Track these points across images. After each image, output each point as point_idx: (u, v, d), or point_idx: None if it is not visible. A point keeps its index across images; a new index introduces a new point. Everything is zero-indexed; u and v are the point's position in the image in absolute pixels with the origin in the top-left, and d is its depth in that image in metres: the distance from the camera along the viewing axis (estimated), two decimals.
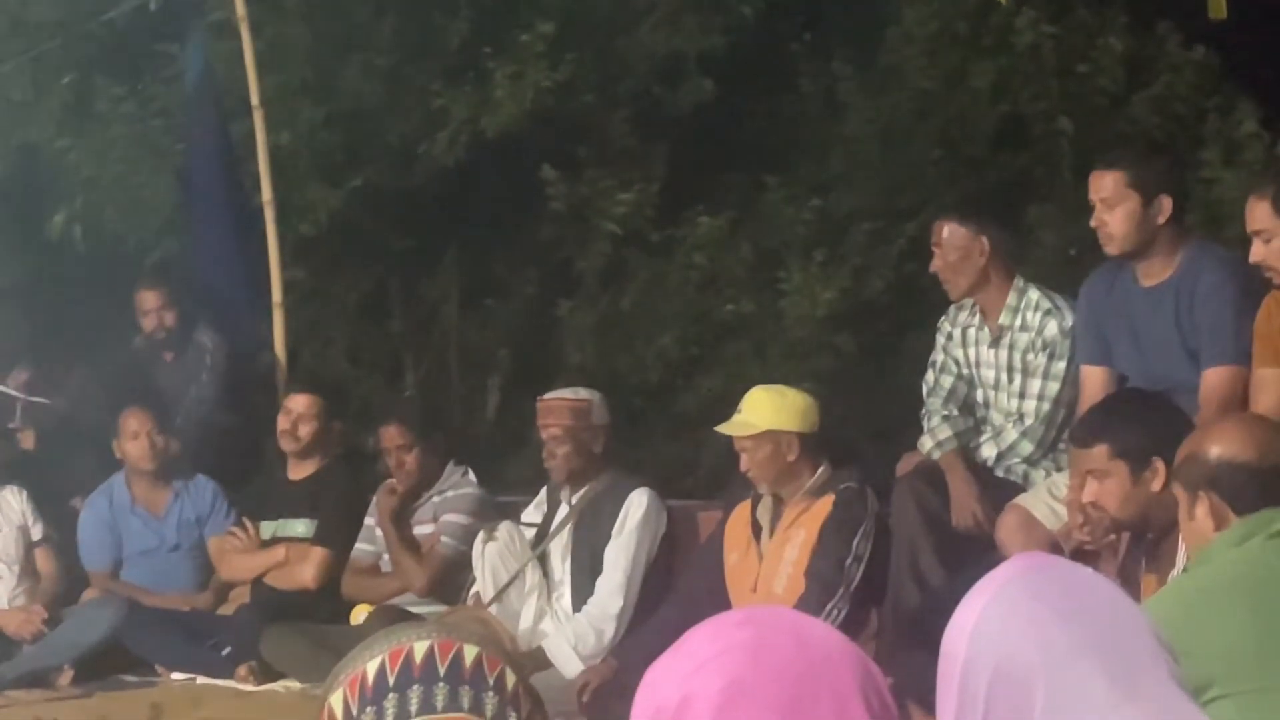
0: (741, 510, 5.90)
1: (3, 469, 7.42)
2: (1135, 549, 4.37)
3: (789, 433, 5.70)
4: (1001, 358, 5.74)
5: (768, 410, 5.73)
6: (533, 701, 1.88)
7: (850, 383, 8.86)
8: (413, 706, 1.82)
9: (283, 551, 7.14)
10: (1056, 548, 4.85)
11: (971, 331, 5.85)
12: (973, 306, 5.84)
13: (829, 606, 5.52)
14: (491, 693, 1.85)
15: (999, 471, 5.67)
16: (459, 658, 1.86)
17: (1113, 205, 5.22)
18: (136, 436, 7.26)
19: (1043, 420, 5.62)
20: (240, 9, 7.94)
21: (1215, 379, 5.06)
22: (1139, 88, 9.35)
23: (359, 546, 7.02)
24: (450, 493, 6.88)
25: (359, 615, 6.67)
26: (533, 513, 6.59)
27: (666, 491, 6.55)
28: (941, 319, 5.99)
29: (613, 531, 6.24)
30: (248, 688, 6.66)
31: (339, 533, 7.04)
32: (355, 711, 1.84)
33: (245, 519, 7.28)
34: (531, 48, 9.27)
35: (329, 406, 7.31)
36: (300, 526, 7.15)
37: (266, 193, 7.98)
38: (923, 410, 5.89)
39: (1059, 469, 5.50)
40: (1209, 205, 8.29)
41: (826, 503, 5.69)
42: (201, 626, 7.05)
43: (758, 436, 5.71)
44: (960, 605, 1.99)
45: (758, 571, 5.74)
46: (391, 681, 1.84)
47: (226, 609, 7.26)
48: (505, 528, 6.41)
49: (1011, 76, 9.42)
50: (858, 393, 8.67)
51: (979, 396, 5.85)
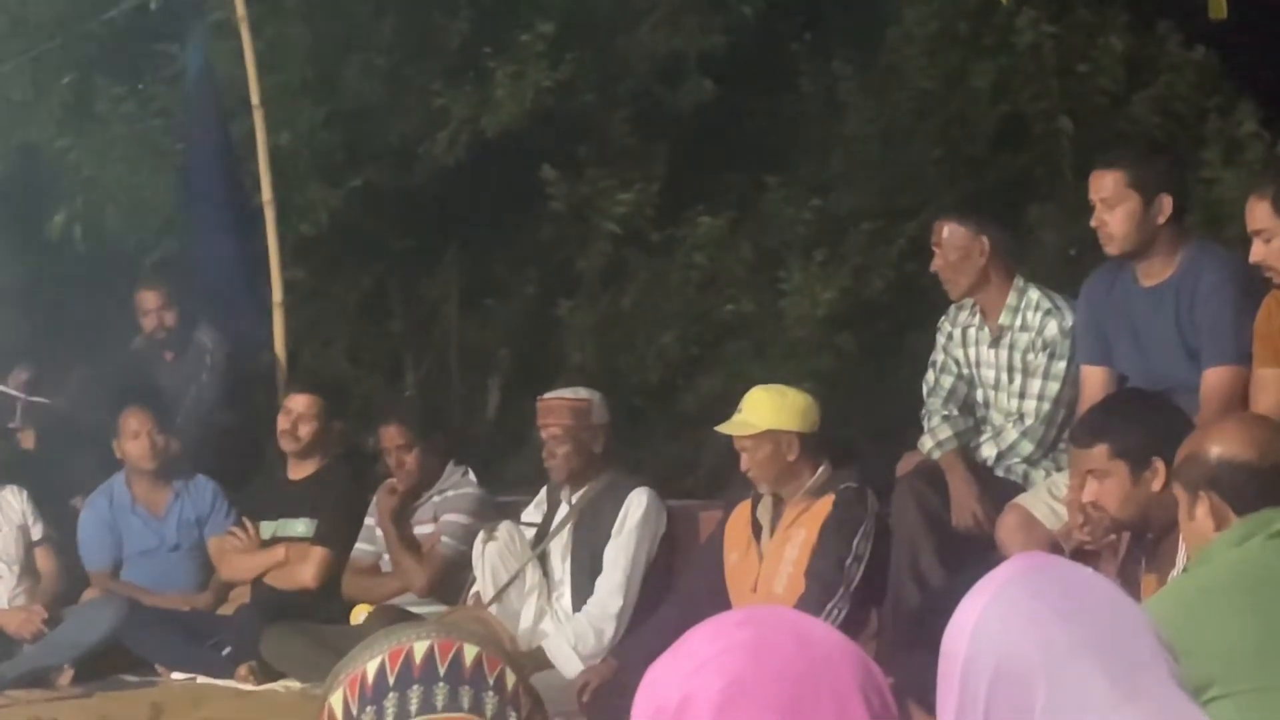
0: (742, 510, 5.90)
1: (3, 469, 7.42)
2: (1135, 549, 4.37)
3: (789, 432, 5.70)
4: (1002, 357, 5.74)
5: (768, 410, 5.73)
6: (533, 701, 1.88)
7: (850, 383, 8.86)
8: (413, 706, 1.82)
9: (283, 551, 7.13)
10: (1056, 547, 4.84)
11: (972, 331, 5.85)
12: (973, 306, 5.84)
13: (829, 606, 5.52)
14: (491, 692, 1.85)
15: (999, 471, 5.67)
16: (459, 657, 1.86)
17: (1113, 205, 5.22)
18: (137, 436, 7.26)
19: (1043, 420, 5.62)
20: (240, 9, 7.94)
21: (1215, 379, 5.06)
22: (1139, 87, 9.34)
23: (359, 546, 7.01)
24: (450, 492, 6.88)
25: (359, 615, 6.67)
26: (533, 512, 6.58)
27: (667, 491, 6.55)
28: (942, 319, 5.98)
29: (612, 531, 6.24)
30: (248, 687, 6.66)
31: (339, 533, 7.04)
32: (355, 711, 1.84)
33: (245, 519, 7.27)
34: (532, 47, 9.26)
35: (329, 406, 7.31)
36: (300, 526, 7.14)
37: (266, 192, 7.98)
38: (923, 410, 5.88)
39: (1059, 469, 5.49)
40: (1209, 205, 8.28)
41: (827, 502, 5.69)
42: (202, 626, 7.04)
43: (758, 436, 5.70)
44: (960, 605, 1.99)
45: (758, 571, 5.74)
46: (391, 681, 1.84)
47: (227, 609, 7.25)
48: (505, 527, 6.40)
49: (1012, 76, 9.41)
50: (858, 393, 8.66)
51: (979, 396, 5.85)
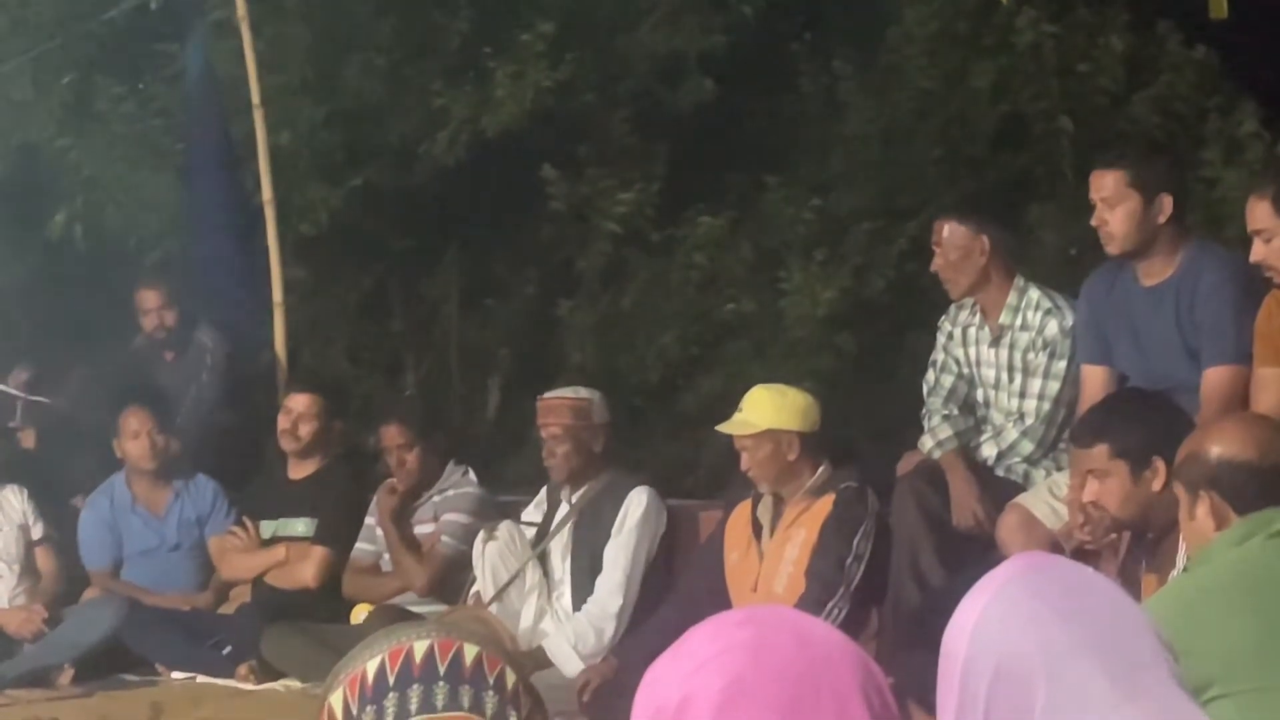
0: (742, 509, 5.90)
1: (3, 468, 7.41)
2: (1136, 548, 4.37)
3: (789, 432, 5.70)
4: (1002, 357, 5.74)
5: (768, 409, 5.73)
6: (533, 700, 1.88)
7: (850, 382, 8.86)
8: (413, 706, 1.82)
9: (283, 551, 7.13)
10: (1057, 547, 4.85)
11: (972, 331, 5.85)
12: (973, 306, 5.84)
13: (829, 606, 5.52)
14: (491, 692, 1.85)
15: (999, 471, 5.67)
16: (459, 657, 1.86)
17: (1113, 205, 5.22)
18: (137, 436, 7.26)
19: (1043, 420, 5.62)
20: (240, 8, 7.94)
21: (1216, 378, 5.06)
22: (1140, 87, 9.34)
23: (359, 546, 7.01)
24: (451, 492, 6.88)
25: (359, 614, 6.67)
26: (533, 512, 6.58)
27: (667, 491, 6.55)
28: (942, 318, 5.98)
29: (612, 530, 6.24)
30: (248, 687, 6.66)
31: (339, 532, 7.04)
32: (355, 711, 1.84)
33: (246, 518, 7.27)
34: (532, 47, 9.26)
35: (329, 406, 7.30)
36: (300, 526, 7.14)
37: (267, 192, 7.98)
38: (923, 410, 5.88)
39: (1059, 468, 5.49)
40: (1209, 205, 8.28)
41: (827, 502, 5.69)
42: (202, 626, 7.04)
43: (758, 435, 5.70)
44: (961, 605, 1.99)
45: (758, 571, 5.74)
46: (391, 681, 1.84)
47: (227, 608, 7.26)
48: (505, 527, 6.40)
49: (1012, 76, 9.41)
50: (858, 392, 8.67)
51: (979, 396, 5.85)
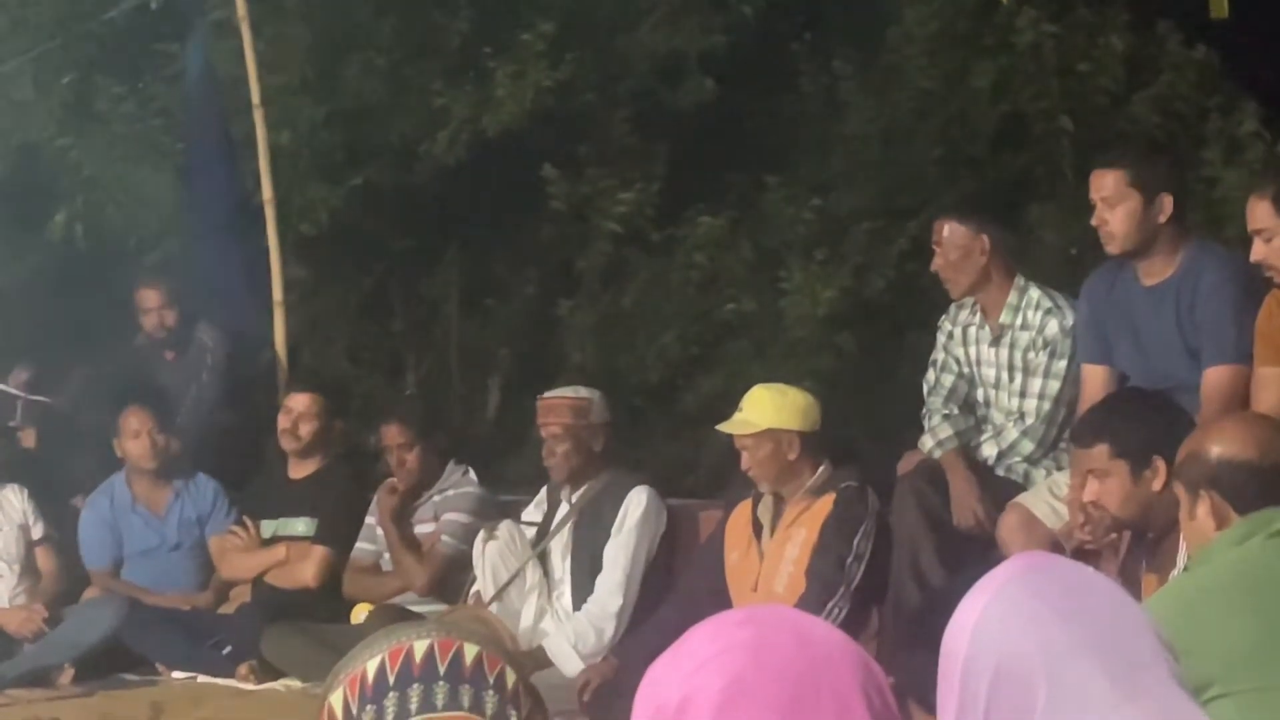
0: (742, 509, 5.90)
1: (3, 468, 7.41)
2: (1136, 548, 4.36)
3: (790, 431, 5.70)
4: (1002, 356, 5.74)
5: (768, 409, 5.73)
6: (533, 700, 1.88)
7: (851, 382, 8.85)
8: (413, 705, 1.82)
9: (283, 550, 7.13)
10: (1057, 547, 4.85)
11: (972, 330, 5.85)
12: (973, 305, 5.84)
13: (830, 605, 5.52)
14: (491, 691, 1.85)
15: (1000, 470, 5.67)
16: (459, 656, 1.86)
17: (1114, 204, 5.22)
18: (137, 435, 7.26)
19: (1043, 419, 5.62)
20: (240, 8, 7.94)
21: (1216, 378, 5.06)
22: (1140, 87, 9.33)
23: (360, 545, 7.01)
24: (451, 491, 6.88)
25: (359, 614, 6.67)
26: (533, 511, 6.58)
27: (667, 490, 6.54)
28: (942, 318, 5.98)
29: (612, 530, 6.24)
30: (248, 686, 6.66)
31: (340, 532, 7.04)
32: (355, 710, 1.84)
33: (246, 518, 7.27)
34: (532, 47, 9.26)
35: (330, 405, 7.31)
36: (301, 525, 7.14)
37: (267, 192, 7.98)
38: (923, 409, 5.88)
39: (1060, 468, 5.49)
40: (1210, 205, 8.28)
41: (827, 501, 5.69)
42: (202, 625, 7.04)
43: (758, 435, 5.70)
44: (961, 604, 1.99)
45: (758, 570, 5.74)
46: (392, 680, 1.84)
47: (227, 608, 7.26)
48: (505, 526, 6.41)
49: (1012, 76, 9.40)
50: (858, 392, 8.66)
51: (980, 395, 5.85)
